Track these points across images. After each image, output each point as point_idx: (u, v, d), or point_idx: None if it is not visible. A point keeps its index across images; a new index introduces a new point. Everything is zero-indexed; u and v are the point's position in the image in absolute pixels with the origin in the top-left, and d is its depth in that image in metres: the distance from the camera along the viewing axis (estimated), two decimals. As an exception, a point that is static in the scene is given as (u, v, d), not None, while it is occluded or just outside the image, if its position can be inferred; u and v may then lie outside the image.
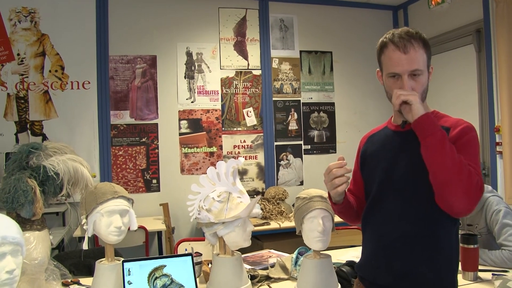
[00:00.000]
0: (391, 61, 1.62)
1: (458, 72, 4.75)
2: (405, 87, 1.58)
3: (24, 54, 4.43)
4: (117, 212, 1.93)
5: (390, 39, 1.63)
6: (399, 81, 1.61)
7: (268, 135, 5.18)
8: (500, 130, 4.09)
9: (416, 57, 1.59)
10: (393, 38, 1.62)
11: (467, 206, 1.46)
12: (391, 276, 1.64)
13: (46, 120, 4.48)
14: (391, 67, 1.62)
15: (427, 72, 1.64)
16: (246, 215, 1.90)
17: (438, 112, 1.71)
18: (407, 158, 1.64)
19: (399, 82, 1.61)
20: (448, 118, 1.66)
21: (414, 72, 1.59)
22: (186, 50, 4.95)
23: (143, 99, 4.79)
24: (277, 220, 4.28)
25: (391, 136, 1.76)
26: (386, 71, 1.65)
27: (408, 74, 1.59)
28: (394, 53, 1.61)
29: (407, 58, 1.59)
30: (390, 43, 1.63)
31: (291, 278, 2.28)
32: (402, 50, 1.59)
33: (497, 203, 2.39)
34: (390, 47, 1.63)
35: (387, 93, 1.69)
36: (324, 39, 5.46)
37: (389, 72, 1.63)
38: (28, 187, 1.82)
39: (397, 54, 1.60)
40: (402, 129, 1.68)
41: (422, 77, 1.61)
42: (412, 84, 1.59)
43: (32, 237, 1.87)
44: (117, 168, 4.69)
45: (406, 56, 1.59)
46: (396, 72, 1.60)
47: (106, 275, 1.92)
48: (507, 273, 2.20)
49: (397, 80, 1.62)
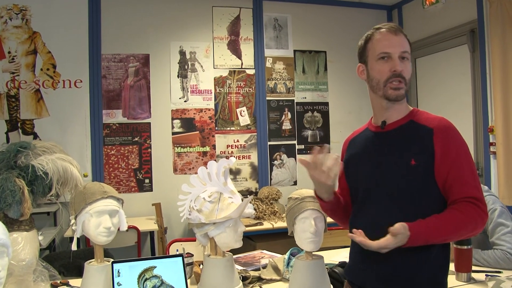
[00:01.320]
0: (382, 43, 1.63)
1: (452, 72, 4.75)
2: (397, 66, 1.59)
3: (15, 52, 4.39)
4: (106, 212, 1.90)
5: (376, 29, 1.66)
6: (389, 62, 1.61)
7: (261, 135, 5.16)
8: (494, 130, 4.09)
9: (405, 40, 1.63)
10: (380, 28, 1.65)
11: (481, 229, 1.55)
12: (379, 280, 1.62)
13: (37, 119, 4.44)
14: (383, 47, 1.62)
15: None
16: (237, 216, 1.88)
17: (418, 110, 1.70)
18: (388, 159, 1.63)
19: (390, 63, 1.60)
20: (428, 116, 1.64)
21: (403, 54, 1.61)
22: (179, 49, 4.92)
23: (135, 98, 4.76)
24: (270, 221, 4.26)
25: (372, 137, 1.74)
26: (375, 53, 1.64)
27: (399, 56, 1.60)
28: (385, 35, 1.63)
29: (398, 39, 1.61)
30: (378, 31, 1.66)
31: (283, 279, 2.26)
32: (394, 33, 1.62)
33: (493, 202, 2.40)
34: (378, 33, 1.65)
35: (372, 80, 1.67)
36: (318, 38, 5.45)
37: (380, 52, 1.62)
38: (16, 187, 1.80)
39: (389, 35, 1.62)
40: (382, 130, 1.67)
41: (408, 63, 1.63)
42: (402, 66, 1.60)
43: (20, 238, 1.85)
44: (109, 168, 4.66)
45: (397, 38, 1.61)
46: (388, 51, 1.61)
47: (95, 276, 1.90)
48: (500, 274, 2.20)
49: (387, 61, 1.61)
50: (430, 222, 1.48)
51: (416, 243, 1.48)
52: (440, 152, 1.53)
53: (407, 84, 1.61)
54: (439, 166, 1.53)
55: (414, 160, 1.55)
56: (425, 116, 1.64)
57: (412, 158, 1.55)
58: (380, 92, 1.64)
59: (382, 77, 1.62)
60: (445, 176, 1.53)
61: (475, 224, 1.49)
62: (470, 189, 1.51)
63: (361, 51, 1.72)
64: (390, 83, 1.60)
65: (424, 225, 1.48)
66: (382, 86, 1.62)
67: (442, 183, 1.54)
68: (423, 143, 1.56)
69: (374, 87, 1.66)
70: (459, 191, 1.51)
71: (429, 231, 1.48)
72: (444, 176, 1.53)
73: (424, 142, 1.56)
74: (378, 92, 1.65)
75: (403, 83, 1.60)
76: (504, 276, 2.17)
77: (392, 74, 1.60)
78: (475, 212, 1.48)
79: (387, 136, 1.66)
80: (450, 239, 1.56)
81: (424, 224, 1.48)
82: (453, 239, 1.56)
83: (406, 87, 1.62)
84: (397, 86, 1.60)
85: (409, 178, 1.55)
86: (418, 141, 1.58)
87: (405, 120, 1.66)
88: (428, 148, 1.55)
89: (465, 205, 1.48)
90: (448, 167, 1.52)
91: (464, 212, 1.48)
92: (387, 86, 1.61)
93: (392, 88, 1.60)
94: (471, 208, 1.48)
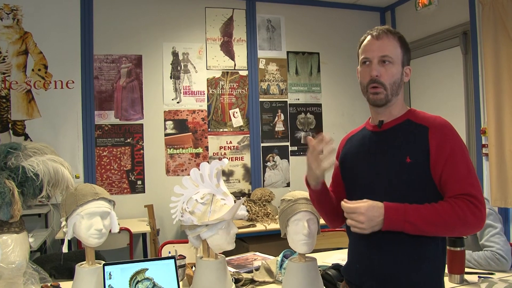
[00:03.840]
0: (365, 48, 1.67)
1: (445, 74, 4.77)
2: (373, 71, 1.61)
3: (6, 52, 4.35)
4: (97, 214, 1.89)
5: (368, 33, 1.70)
6: (369, 67, 1.64)
7: (254, 136, 5.15)
8: (486, 132, 4.10)
9: (388, 45, 1.64)
10: (371, 32, 1.68)
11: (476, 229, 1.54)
12: (376, 280, 1.62)
13: (28, 119, 4.40)
14: (364, 52, 1.67)
15: (401, 66, 1.66)
16: (230, 218, 1.87)
17: (415, 109, 1.71)
18: (384, 157, 1.64)
19: (369, 68, 1.64)
20: (425, 115, 1.66)
21: (384, 58, 1.62)
22: (172, 50, 4.91)
23: (128, 99, 4.73)
24: (263, 222, 4.25)
25: (369, 136, 1.75)
26: (360, 57, 1.69)
27: (378, 60, 1.62)
28: (369, 40, 1.67)
29: (379, 44, 1.64)
30: (368, 35, 1.70)
31: (276, 282, 2.25)
32: (375, 37, 1.65)
33: None
34: (366, 38, 1.69)
35: (360, 84, 1.71)
36: (311, 40, 5.45)
37: (362, 57, 1.67)
38: (6, 189, 1.77)
39: (370, 41, 1.66)
40: (380, 129, 1.69)
41: (393, 67, 1.63)
42: (381, 70, 1.62)
43: (9, 240, 1.82)
44: (102, 169, 4.63)
45: (378, 42, 1.64)
46: (367, 56, 1.64)
47: (86, 279, 1.88)
48: (493, 276, 2.20)
49: (368, 66, 1.65)
50: (408, 204, 1.49)
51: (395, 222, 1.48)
52: (435, 149, 1.54)
53: (388, 89, 1.62)
54: (434, 163, 1.54)
55: (409, 157, 1.56)
56: (422, 115, 1.66)
57: (407, 156, 1.56)
58: (365, 96, 1.69)
59: (363, 82, 1.67)
60: (440, 173, 1.53)
61: (465, 220, 1.45)
62: (464, 186, 1.50)
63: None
64: (370, 88, 1.64)
65: (402, 205, 1.49)
66: (365, 91, 1.67)
67: (438, 180, 1.54)
68: (418, 141, 1.58)
69: (362, 91, 1.71)
70: (454, 188, 1.51)
71: (407, 211, 1.47)
72: (439, 172, 1.53)
73: (419, 140, 1.57)
74: (364, 96, 1.70)
75: (381, 88, 1.62)
76: (496, 277, 2.18)
77: (370, 79, 1.63)
78: (467, 208, 1.46)
79: (384, 135, 1.68)
80: (437, 230, 1.50)
81: (402, 204, 1.49)
82: (441, 231, 1.50)
83: (387, 92, 1.63)
84: (375, 91, 1.63)
85: (405, 176, 1.56)
86: (414, 139, 1.59)
87: (401, 119, 1.67)
88: (423, 146, 1.56)
89: (457, 200, 1.47)
90: (443, 164, 1.52)
91: (454, 206, 1.46)
92: (368, 91, 1.65)
93: (372, 93, 1.64)
94: (462, 203, 1.46)
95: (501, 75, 3.94)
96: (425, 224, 1.47)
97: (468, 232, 1.56)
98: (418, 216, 1.47)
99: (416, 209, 1.48)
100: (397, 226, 1.48)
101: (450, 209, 1.46)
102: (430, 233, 1.51)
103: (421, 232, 1.49)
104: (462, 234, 1.67)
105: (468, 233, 1.58)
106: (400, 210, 1.48)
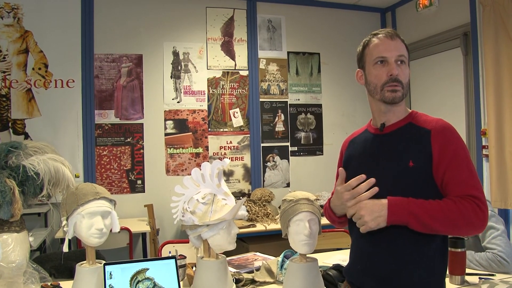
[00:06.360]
0: (378, 48, 1.65)
1: (445, 75, 4.76)
2: (393, 70, 1.61)
3: (6, 51, 4.34)
4: (98, 213, 1.88)
5: (374, 35, 1.69)
6: (386, 67, 1.63)
7: (254, 136, 5.15)
8: (486, 133, 4.10)
9: (401, 45, 1.66)
10: (377, 33, 1.68)
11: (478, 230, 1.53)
12: (377, 281, 1.62)
13: (28, 118, 4.39)
14: (379, 52, 1.65)
15: (408, 67, 1.68)
16: (231, 218, 1.87)
17: (416, 112, 1.72)
18: (387, 161, 1.64)
19: (386, 67, 1.63)
20: (427, 118, 1.66)
21: (400, 58, 1.63)
22: (173, 50, 4.90)
23: (128, 99, 4.73)
24: (263, 222, 4.24)
25: (371, 139, 1.75)
26: (372, 57, 1.67)
27: (395, 60, 1.63)
28: (382, 40, 1.66)
29: (394, 44, 1.64)
30: (375, 37, 1.68)
31: (276, 282, 2.25)
32: (390, 37, 1.65)
33: None
34: (375, 39, 1.68)
35: (370, 85, 1.69)
36: (312, 40, 5.45)
37: (376, 57, 1.65)
38: (6, 188, 1.77)
39: (385, 40, 1.65)
40: (381, 132, 1.68)
41: (406, 67, 1.66)
42: (399, 70, 1.62)
43: (10, 239, 1.82)
44: (101, 169, 4.62)
45: (393, 42, 1.64)
46: (384, 55, 1.63)
47: (86, 279, 1.87)
48: (494, 277, 2.20)
49: (384, 65, 1.64)
50: (412, 199, 1.50)
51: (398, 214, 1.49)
52: (437, 152, 1.54)
53: (404, 88, 1.64)
54: (437, 166, 1.54)
55: (412, 161, 1.56)
56: (424, 118, 1.66)
57: (410, 160, 1.56)
58: (377, 96, 1.66)
59: (379, 81, 1.65)
60: (442, 175, 1.53)
61: (468, 218, 1.46)
62: (467, 188, 1.50)
63: (359, 57, 1.75)
64: (387, 86, 1.62)
65: (405, 198, 1.51)
66: (380, 90, 1.65)
67: (440, 183, 1.54)
68: (421, 145, 1.57)
69: (372, 91, 1.69)
70: (457, 190, 1.51)
71: (410, 203, 1.49)
72: (442, 176, 1.53)
73: (422, 144, 1.57)
74: (376, 96, 1.67)
75: (399, 86, 1.62)
76: (497, 279, 2.17)
77: (389, 78, 1.62)
78: (471, 208, 1.46)
79: (386, 138, 1.68)
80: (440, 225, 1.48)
81: (406, 198, 1.51)
82: (444, 228, 1.49)
83: (404, 90, 1.64)
84: (394, 89, 1.62)
85: (407, 180, 1.56)
86: (416, 143, 1.59)
87: (403, 122, 1.67)
88: (426, 149, 1.56)
89: (461, 200, 1.48)
90: (445, 167, 1.52)
91: (458, 204, 1.47)
92: (384, 90, 1.63)
93: (389, 91, 1.62)
94: (466, 203, 1.47)
95: (501, 77, 3.94)
96: (428, 218, 1.47)
97: (470, 232, 1.55)
98: (422, 209, 1.47)
99: (420, 202, 1.49)
100: (401, 218, 1.49)
101: (454, 206, 1.46)
102: (433, 229, 1.50)
103: (424, 226, 1.48)
104: (465, 233, 1.67)
105: (470, 233, 1.57)
106: (404, 202, 1.49)
